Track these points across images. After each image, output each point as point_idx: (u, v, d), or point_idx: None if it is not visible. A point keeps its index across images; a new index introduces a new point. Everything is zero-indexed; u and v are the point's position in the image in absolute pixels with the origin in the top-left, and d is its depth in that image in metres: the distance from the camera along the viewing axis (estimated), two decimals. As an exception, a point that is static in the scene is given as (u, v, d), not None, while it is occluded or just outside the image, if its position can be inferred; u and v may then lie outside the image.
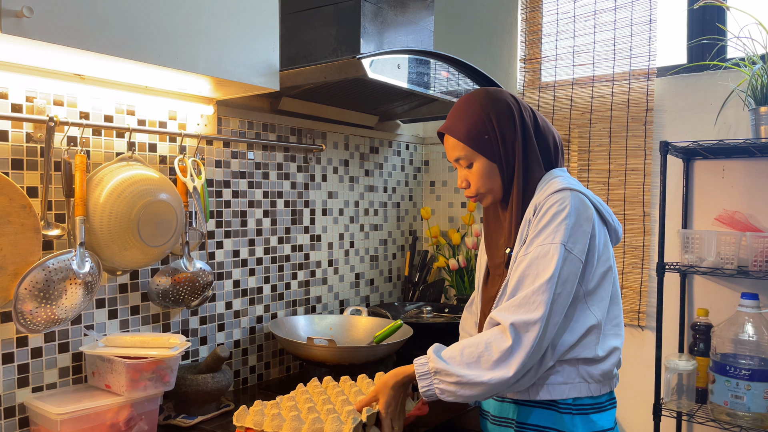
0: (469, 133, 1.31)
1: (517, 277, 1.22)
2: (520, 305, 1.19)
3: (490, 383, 1.17)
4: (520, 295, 1.20)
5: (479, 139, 1.31)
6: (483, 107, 1.31)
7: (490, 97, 1.33)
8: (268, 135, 2.00)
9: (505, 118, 1.31)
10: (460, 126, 1.32)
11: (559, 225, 1.20)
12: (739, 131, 1.95)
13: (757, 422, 1.69)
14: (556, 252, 1.19)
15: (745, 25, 1.85)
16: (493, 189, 1.34)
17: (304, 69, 1.65)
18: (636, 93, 2.13)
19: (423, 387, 1.23)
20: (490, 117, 1.31)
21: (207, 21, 1.40)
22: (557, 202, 1.22)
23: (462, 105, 1.35)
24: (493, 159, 1.32)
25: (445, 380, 1.20)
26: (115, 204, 1.43)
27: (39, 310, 1.32)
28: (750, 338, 1.70)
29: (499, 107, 1.32)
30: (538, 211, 1.25)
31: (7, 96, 1.38)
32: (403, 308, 2.34)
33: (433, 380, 1.22)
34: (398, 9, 1.95)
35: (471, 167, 1.34)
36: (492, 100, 1.32)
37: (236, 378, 1.92)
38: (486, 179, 1.33)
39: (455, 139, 1.33)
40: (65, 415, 1.32)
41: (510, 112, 1.32)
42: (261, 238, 1.98)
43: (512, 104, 1.33)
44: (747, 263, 1.81)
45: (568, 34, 2.30)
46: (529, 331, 1.17)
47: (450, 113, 1.37)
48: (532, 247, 1.22)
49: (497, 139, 1.31)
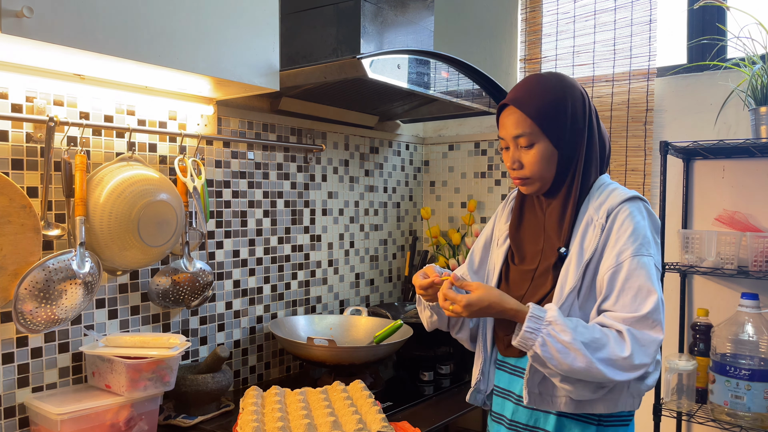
0: (541, 111, 1.21)
1: (622, 285, 1.16)
2: (639, 320, 1.13)
3: (594, 369, 1.10)
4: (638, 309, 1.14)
5: (551, 120, 1.22)
6: (561, 88, 1.23)
7: (567, 81, 1.25)
8: (268, 135, 2.00)
9: (580, 107, 1.24)
10: (533, 101, 1.22)
11: (646, 239, 1.18)
12: (739, 131, 1.95)
13: (758, 422, 1.69)
14: (652, 265, 1.17)
15: (745, 25, 1.85)
16: (545, 178, 1.26)
17: (304, 69, 1.65)
18: (636, 93, 2.13)
19: (527, 328, 1.14)
20: (566, 100, 1.22)
21: (207, 21, 1.40)
22: (637, 211, 1.20)
23: (536, 81, 1.25)
24: (557, 145, 1.23)
25: (557, 335, 1.11)
26: (115, 204, 1.43)
27: (39, 310, 1.32)
28: (750, 338, 1.70)
29: (575, 94, 1.24)
30: (614, 215, 1.20)
31: (7, 96, 1.38)
32: (403, 308, 2.34)
33: (543, 327, 1.13)
34: (398, 9, 1.94)
35: (530, 148, 1.24)
36: (569, 85, 1.25)
37: (236, 378, 1.92)
38: (544, 164, 1.24)
39: (522, 114, 1.22)
40: (65, 415, 1.32)
41: (583, 102, 1.25)
42: (261, 238, 1.98)
43: (585, 96, 1.26)
44: (747, 263, 1.81)
45: (568, 34, 2.30)
46: (648, 346, 1.12)
47: (518, 87, 1.27)
48: (626, 256, 1.17)
49: (568, 125, 1.23)
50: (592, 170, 1.26)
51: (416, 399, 1.79)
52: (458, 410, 1.73)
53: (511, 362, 1.31)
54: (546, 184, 1.27)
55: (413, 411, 1.71)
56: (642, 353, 1.12)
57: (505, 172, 2.50)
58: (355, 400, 1.54)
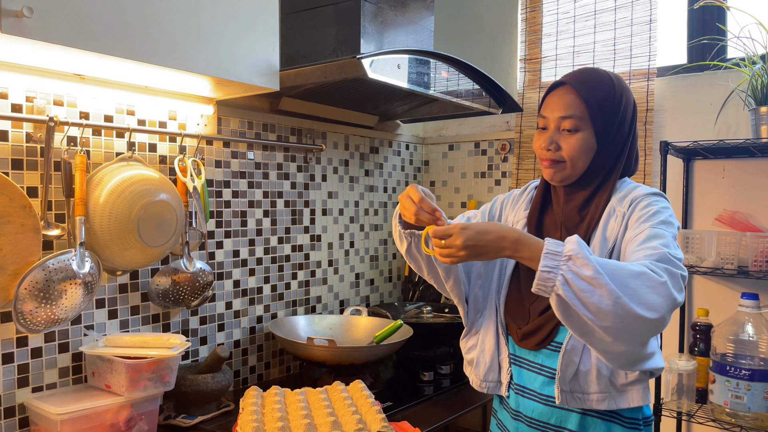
0: (598, 99, 1.21)
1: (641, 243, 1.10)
2: (663, 257, 1.04)
3: (624, 305, 0.96)
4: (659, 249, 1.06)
5: (603, 112, 1.20)
6: (619, 86, 1.23)
7: (625, 84, 1.26)
8: (268, 135, 2.00)
9: (630, 111, 1.25)
10: (590, 88, 1.22)
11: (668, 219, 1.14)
12: (739, 131, 1.95)
13: (758, 422, 1.69)
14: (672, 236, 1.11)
15: (745, 25, 1.85)
16: (578, 167, 1.23)
17: (304, 69, 1.65)
18: (636, 93, 2.13)
19: (543, 267, 1.00)
20: (622, 98, 1.23)
21: (207, 21, 1.40)
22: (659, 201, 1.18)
23: (598, 72, 1.25)
24: (599, 138, 1.22)
25: (579, 270, 0.98)
26: (115, 204, 1.43)
27: (39, 310, 1.32)
28: (750, 338, 1.70)
29: (630, 98, 1.25)
30: (636, 203, 1.18)
31: (7, 96, 1.38)
32: (403, 308, 2.34)
33: (562, 264, 1.00)
34: (398, 9, 1.94)
35: (573, 133, 1.21)
36: (627, 88, 1.26)
37: (236, 378, 1.92)
38: (582, 153, 1.21)
39: (578, 97, 1.20)
40: (65, 415, 1.32)
41: (634, 107, 1.26)
42: (261, 238, 1.98)
43: (634, 103, 1.27)
44: (747, 263, 1.81)
45: (568, 34, 2.30)
46: (677, 279, 1.03)
47: (577, 72, 1.26)
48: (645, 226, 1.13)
49: (616, 124, 1.22)
50: (626, 170, 1.28)
51: (416, 399, 1.79)
52: (458, 410, 1.73)
53: (529, 357, 1.27)
54: (575, 175, 1.24)
55: (413, 411, 1.71)
56: (675, 284, 1.01)
57: (506, 172, 2.50)
58: (355, 400, 1.54)
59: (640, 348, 1.07)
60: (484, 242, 1.07)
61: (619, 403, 1.18)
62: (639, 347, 1.07)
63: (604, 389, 1.18)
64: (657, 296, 0.98)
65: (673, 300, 1.00)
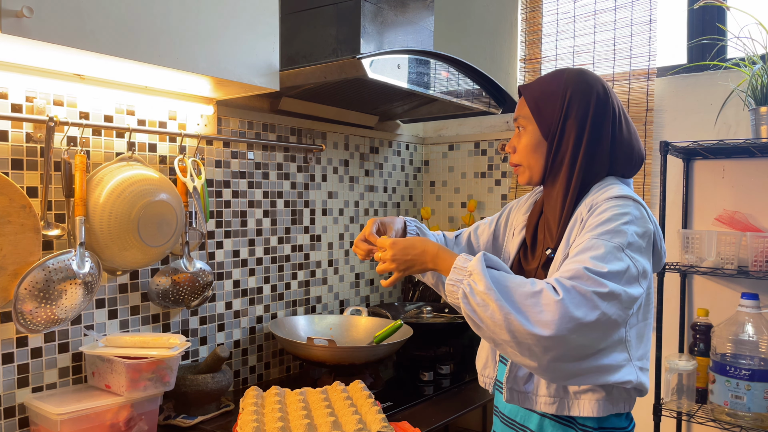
0: (538, 96, 1.22)
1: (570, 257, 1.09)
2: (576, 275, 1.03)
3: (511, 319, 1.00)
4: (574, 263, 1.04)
5: (543, 107, 1.21)
6: (565, 81, 1.22)
7: (578, 77, 1.22)
8: (268, 135, 2.00)
9: (580, 103, 1.19)
10: (536, 87, 1.24)
11: (619, 228, 1.08)
12: (739, 131, 1.95)
13: (758, 422, 1.69)
14: (612, 249, 1.05)
15: (745, 25, 1.85)
16: (533, 167, 1.24)
17: (304, 69, 1.65)
18: (636, 93, 2.13)
19: (449, 281, 1.09)
20: (566, 92, 1.20)
21: (207, 21, 1.40)
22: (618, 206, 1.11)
23: (551, 72, 1.27)
24: (545, 135, 1.21)
25: (475, 285, 1.04)
26: (115, 204, 1.43)
27: (39, 310, 1.32)
28: (750, 338, 1.70)
29: (580, 89, 1.20)
30: (595, 208, 1.13)
31: (7, 96, 1.38)
32: (403, 308, 2.34)
33: (465, 278, 1.07)
34: (398, 9, 1.94)
35: (523, 133, 1.25)
36: (578, 80, 1.21)
37: (236, 378, 1.92)
38: (529, 152, 1.23)
39: (522, 98, 1.26)
40: (65, 415, 1.32)
41: (588, 99, 1.19)
42: (261, 238, 1.98)
43: (597, 94, 1.20)
44: (747, 263, 1.81)
45: (568, 34, 2.30)
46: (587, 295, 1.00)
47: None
48: (584, 238, 1.09)
49: (560, 117, 1.20)
50: (596, 170, 1.20)
51: (416, 399, 1.79)
52: (458, 410, 1.73)
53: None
54: (535, 175, 1.25)
55: (413, 411, 1.71)
56: (574, 301, 1.00)
57: (506, 172, 2.50)
58: (355, 400, 1.54)
59: (570, 364, 1.04)
60: (410, 256, 1.17)
61: (571, 410, 1.15)
62: (565, 364, 1.03)
63: (555, 393, 1.16)
64: (549, 314, 0.99)
65: (570, 317, 0.98)
